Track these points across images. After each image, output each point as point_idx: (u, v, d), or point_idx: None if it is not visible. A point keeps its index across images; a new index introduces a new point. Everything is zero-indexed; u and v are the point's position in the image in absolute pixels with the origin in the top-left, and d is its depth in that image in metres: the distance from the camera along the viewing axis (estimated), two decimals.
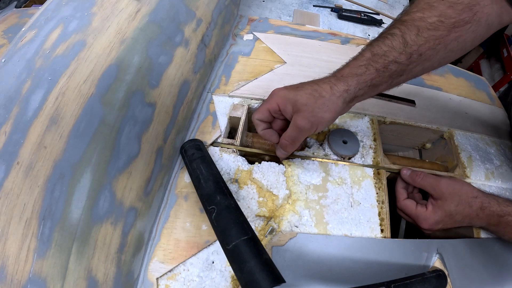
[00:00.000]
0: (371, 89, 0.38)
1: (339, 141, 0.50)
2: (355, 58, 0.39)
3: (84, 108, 0.34)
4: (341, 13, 0.91)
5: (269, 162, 0.47)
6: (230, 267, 0.37)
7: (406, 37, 0.36)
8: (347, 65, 0.39)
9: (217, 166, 0.43)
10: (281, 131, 0.43)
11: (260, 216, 0.42)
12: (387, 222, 0.44)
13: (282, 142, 0.41)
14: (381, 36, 0.39)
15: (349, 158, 0.49)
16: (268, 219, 0.42)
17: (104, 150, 0.34)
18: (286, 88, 0.40)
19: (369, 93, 0.39)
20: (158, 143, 0.41)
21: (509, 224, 0.41)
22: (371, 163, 0.49)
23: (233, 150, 0.47)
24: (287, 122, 0.42)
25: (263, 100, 0.41)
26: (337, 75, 0.38)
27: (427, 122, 0.57)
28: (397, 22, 0.38)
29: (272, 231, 0.41)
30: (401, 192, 0.47)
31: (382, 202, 0.45)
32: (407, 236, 0.67)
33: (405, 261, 0.41)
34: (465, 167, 0.53)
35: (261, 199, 0.44)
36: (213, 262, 0.39)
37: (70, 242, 0.31)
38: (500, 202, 0.43)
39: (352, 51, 0.67)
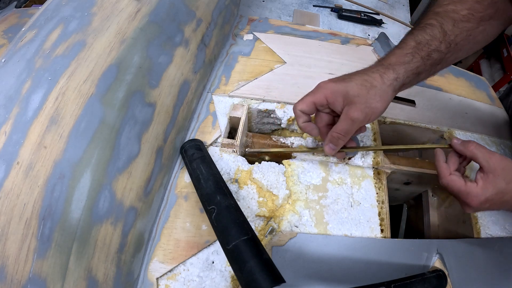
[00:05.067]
0: (415, 77, 0.39)
1: None
2: (399, 47, 0.39)
3: (84, 108, 0.34)
4: (341, 13, 0.91)
5: (269, 162, 0.47)
6: (230, 267, 0.37)
7: (444, 27, 0.38)
8: (392, 53, 0.39)
9: (217, 166, 0.43)
10: (325, 125, 0.42)
11: (260, 216, 0.42)
12: (387, 222, 0.44)
13: (333, 135, 0.40)
14: (420, 26, 0.40)
15: (349, 158, 0.49)
16: (268, 219, 0.42)
17: (104, 150, 0.34)
18: (333, 80, 0.39)
19: (413, 81, 0.39)
20: (158, 143, 0.41)
21: None
22: (371, 163, 0.49)
23: (233, 150, 0.47)
24: (330, 116, 0.42)
25: (309, 92, 0.40)
26: (384, 63, 0.38)
27: (427, 122, 0.57)
28: (431, 13, 0.40)
29: (272, 231, 0.41)
30: (445, 167, 0.41)
31: (382, 202, 0.45)
32: (407, 236, 0.67)
33: (405, 261, 0.41)
34: (465, 167, 0.53)
35: (261, 199, 0.44)
36: (213, 262, 0.39)
37: (70, 242, 0.30)
38: None
39: (352, 51, 0.67)
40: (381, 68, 0.38)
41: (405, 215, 0.71)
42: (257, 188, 0.44)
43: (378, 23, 0.91)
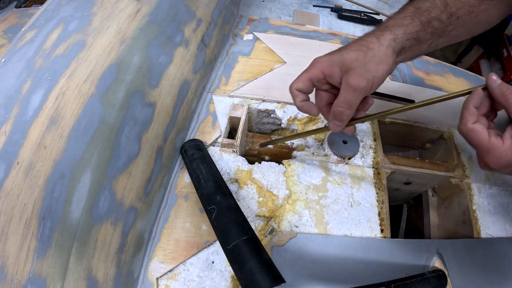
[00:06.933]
0: (416, 43, 0.36)
1: (339, 141, 0.50)
2: (397, 13, 0.37)
3: (84, 108, 0.34)
4: (341, 13, 0.91)
5: (269, 162, 0.47)
6: (230, 267, 0.37)
7: None
8: (389, 18, 0.37)
9: (217, 166, 0.43)
10: (325, 104, 0.39)
11: (260, 216, 0.42)
12: (387, 222, 0.44)
13: (335, 110, 0.36)
14: None
15: (349, 158, 0.49)
16: (268, 219, 0.42)
17: (104, 150, 0.34)
18: (327, 54, 0.37)
19: (414, 49, 0.37)
20: (158, 143, 0.41)
21: None
22: (371, 163, 0.49)
23: (233, 150, 0.47)
24: (331, 94, 0.38)
25: (304, 70, 0.37)
26: (381, 27, 0.36)
27: (427, 122, 0.57)
28: None
29: (272, 231, 0.41)
30: (471, 112, 0.34)
31: (382, 202, 0.45)
32: (407, 236, 0.67)
33: (405, 261, 0.41)
34: (465, 167, 0.53)
35: (261, 199, 0.44)
36: (213, 262, 0.39)
37: (70, 242, 0.30)
38: None
39: None
40: (377, 31, 0.36)
41: (405, 215, 0.71)
42: (257, 188, 0.44)
43: (378, 23, 0.91)
